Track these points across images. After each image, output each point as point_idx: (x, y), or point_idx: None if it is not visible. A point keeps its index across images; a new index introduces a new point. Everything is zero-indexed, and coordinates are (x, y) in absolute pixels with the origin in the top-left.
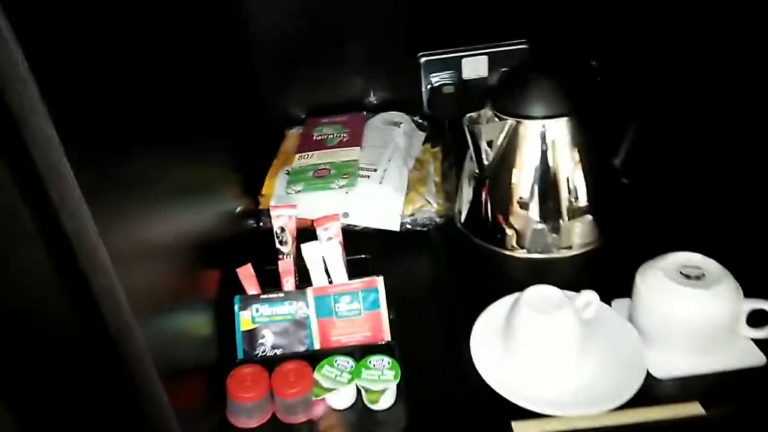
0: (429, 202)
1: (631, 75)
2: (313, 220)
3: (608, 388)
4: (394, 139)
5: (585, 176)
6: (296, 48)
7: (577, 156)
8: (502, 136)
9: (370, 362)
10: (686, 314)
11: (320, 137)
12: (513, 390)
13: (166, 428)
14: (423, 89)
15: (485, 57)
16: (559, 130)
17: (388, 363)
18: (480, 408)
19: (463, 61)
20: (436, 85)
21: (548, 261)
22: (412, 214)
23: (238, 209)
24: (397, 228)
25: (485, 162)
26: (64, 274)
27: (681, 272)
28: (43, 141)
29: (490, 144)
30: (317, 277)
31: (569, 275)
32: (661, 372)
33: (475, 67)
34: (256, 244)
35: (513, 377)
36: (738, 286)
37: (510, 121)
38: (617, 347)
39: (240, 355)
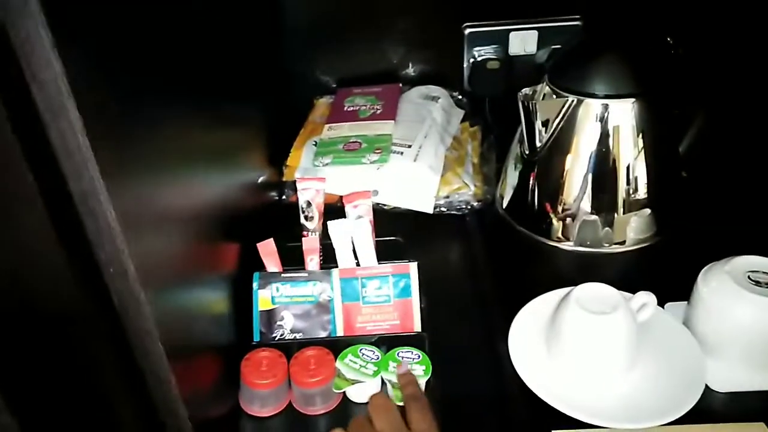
0: (466, 184)
1: (705, 55)
2: (341, 196)
3: (662, 400)
4: (431, 114)
5: (647, 166)
6: (331, 10)
7: (641, 142)
8: (559, 115)
9: (398, 354)
10: (754, 324)
11: (352, 108)
12: (555, 394)
13: (172, 411)
14: (465, 63)
15: (535, 32)
16: (624, 112)
17: (418, 356)
18: (517, 412)
19: (511, 35)
20: (479, 59)
21: (597, 255)
22: (447, 197)
23: (261, 179)
24: (430, 210)
25: (537, 143)
26: (67, 239)
27: (750, 278)
28: (47, 79)
29: (545, 123)
30: (344, 258)
31: (619, 272)
32: (721, 386)
33: (524, 42)
34: (278, 217)
35: (556, 380)
36: None
37: (570, 99)
38: (673, 355)
39: (256, 336)
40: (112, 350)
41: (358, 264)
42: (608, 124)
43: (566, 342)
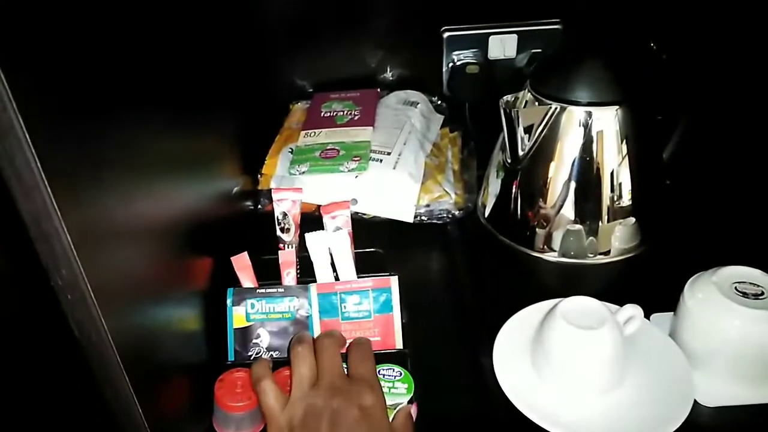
0: (447, 192)
1: (689, 61)
2: (318, 206)
3: (650, 416)
4: (410, 120)
5: (631, 173)
6: (308, 13)
7: (625, 150)
8: (542, 122)
9: (379, 372)
10: (742, 337)
11: (329, 114)
12: (541, 412)
13: None
14: (444, 68)
15: (514, 36)
16: (608, 119)
17: (400, 374)
18: (502, 431)
19: (491, 39)
20: (458, 63)
21: (581, 266)
22: (428, 205)
23: (235, 189)
24: (410, 219)
25: (520, 151)
26: (19, 264)
27: (737, 289)
28: None
29: (527, 131)
30: (322, 272)
31: (604, 284)
32: (709, 400)
33: (503, 46)
34: (253, 229)
35: (542, 397)
36: None
37: (553, 106)
38: (660, 369)
39: (231, 356)
40: (73, 378)
41: (337, 277)
42: (592, 132)
43: (552, 358)
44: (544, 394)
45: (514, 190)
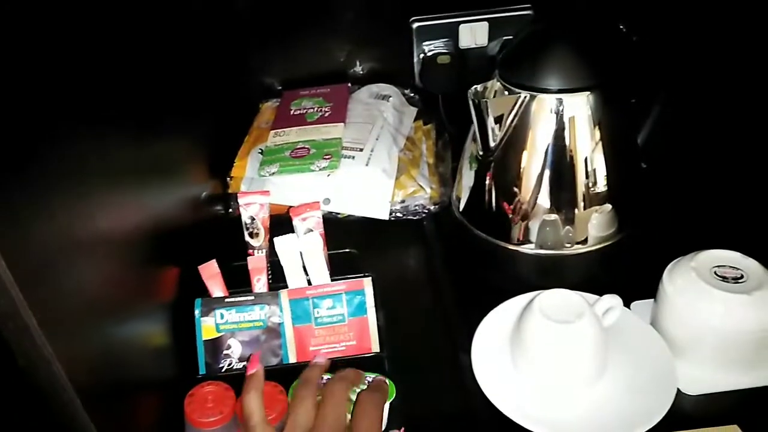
0: (422, 187)
1: (660, 42)
2: (289, 208)
3: (634, 408)
4: (382, 114)
5: (606, 160)
6: (273, 9)
7: (598, 136)
8: (512, 112)
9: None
10: (723, 322)
11: (299, 111)
12: (522, 410)
13: None
14: (415, 59)
15: (485, 23)
16: (579, 106)
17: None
18: (484, 430)
19: (461, 27)
20: (429, 54)
21: (559, 257)
22: (403, 201)
23: (204, 194)
24: (385, 216)
25: (491, 142)
26: None
27: (716, 273)
28: None
29: (497, 121)
30: (293, 277)
31: (583, 274)
32: (692, 388)
33: (474, 34)
34: (223, 234)
35: (523, 395)
36: None
37: (522, 95)
38: (642, 359)
39: (202, 369)
40: (27, 409)
41: (309, 282)
42: (564, 119)
43: (531, 353)
44: (525, 391)
45: (487, 182)
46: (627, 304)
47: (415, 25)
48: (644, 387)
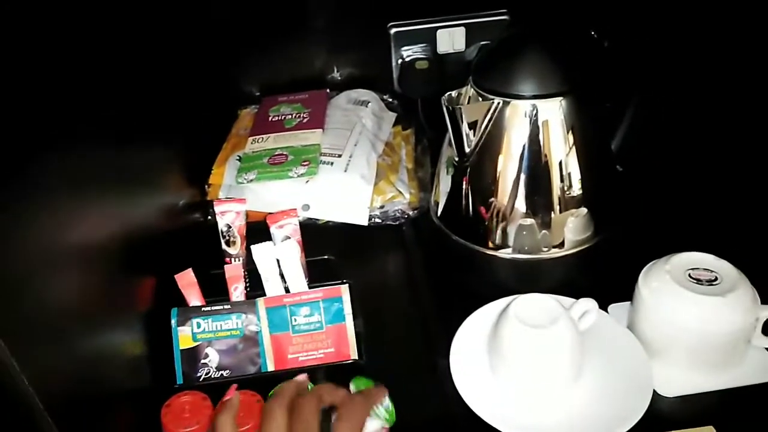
0: (401, 192)
1: (631, 46)
2: (267, 215)
3: (611, 411)
4: (361, 120)
5: (580, 164)
6: (250, 15)
7: (572, 140)
8: (486, 118)
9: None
10: (698, 324)
11: (277, 118)
12: (500, 415)
13: None
14: (393, 64)
15: (462, 29)
16: (553, 111)
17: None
18: None
19: (438, 32)
20: (407, 59)
21: (536, 261)
22: (382, 207)
23: (181, 202)
24: (365, 222)
25: (466, 148)
26: None
27: (690, 276)
28: None
29: (472, 127)
30: (271, 284)
31: (560, 277)
32: (668, 390)
33: (452, 39)
34: (201, 242)
35: (500, 400)
36: (755, 291)
37: (496, 101)
38: (619, 362)
39: (179, 379)
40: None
41: (287, 289)
42: (537, 124)
43: (508, 358)
44: (503, 396)
45: (464, 187)
46: (604, 308)
47: (393, 30)
48: (621, 389)
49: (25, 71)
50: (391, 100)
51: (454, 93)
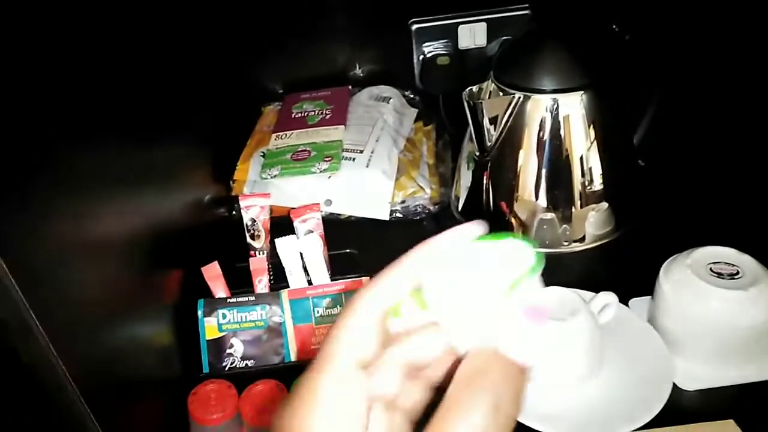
0: (422, 187)
1: (653, 40)
2: (290, 210)
3: (630, 404)
4: (382, 116)
5: (601, 158)
6: (273, 13)
7: (593, 135)
8: (507, 112)
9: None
10: (719, 319)
11: (300, 114)
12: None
13: None
14: (415, 60)
15: (484, 24)
16: (573, 105)
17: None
18: None
19: (460, 28)
20: (429, 55)
21: (557, 255)
22: (403, 201)
23: (207, 197)
24: (386, 217)
25: (487, 142)
26: None
27: (712, 270)
28: None
29: (493, 122)
30: (294, 277)
31: (581, 271)
32: (688, 384)
33: (473, 35)
34: (227, 236)
35: None
36: None
37: (517, 96)
38: (639, 356)
39: (205, 368)
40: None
41: (310, 282)
42: (558, 119)
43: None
44: None
45: (485, 182)
46: (625, 302)
47: (414, 26)
48: (640, 383)
49: (58, 68)
50: (412, 96)
51: (475, 88)
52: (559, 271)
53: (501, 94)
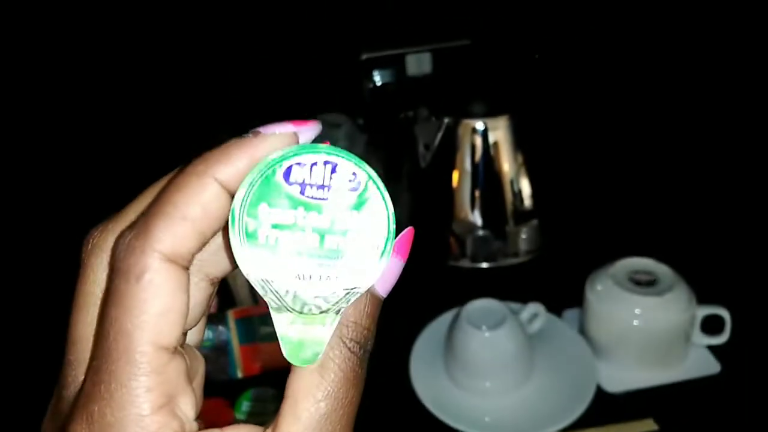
0: None
1: (573, 66)
2: None
3: (557, 405)
4: (335, 143)
5: (530, 178)
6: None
7: (520, 157)
8: (438, 136)
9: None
10: (638, 323)
11: None
12: (454, 413)
13: None
14: (365, 88)
15: (428, 54)
16: (501, 128)
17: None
18: None
19: (407, 57)
20: (378, 84)
21: (494, 270)
22: None
23: None
24: None
25: (422, 165)
26: None
27: (631, 278)
28: None
29: (426, 146)
30: (242, 296)
31: (518, 285)
32: (612, 386)
33: (420, 64)
34: None
35: (455, 399)
36: (691, 291)
37: (447, 120)
38: (567, 361)
39: None
40: None
41: (256, 301)
42: (487, 141)
43: (461, 360)
44: (457, 395)
45: (422, 202)
46: (559, 313)
47: (365, 56)
48: (567, 386)
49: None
50: (362, 122)
51: (409, 113)
52: (496, 284)
53: (433, 119)
